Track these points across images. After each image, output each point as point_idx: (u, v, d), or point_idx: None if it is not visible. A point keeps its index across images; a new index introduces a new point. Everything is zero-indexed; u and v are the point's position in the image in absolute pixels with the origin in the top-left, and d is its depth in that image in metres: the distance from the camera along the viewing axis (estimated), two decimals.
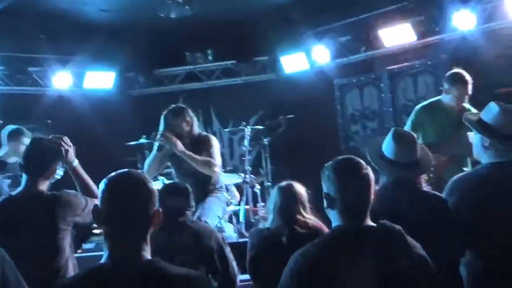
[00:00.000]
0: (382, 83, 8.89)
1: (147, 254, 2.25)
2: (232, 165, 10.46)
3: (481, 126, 3.48)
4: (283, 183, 4.05)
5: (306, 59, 9.84)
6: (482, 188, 3.35)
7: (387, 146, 3.45)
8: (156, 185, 7.48)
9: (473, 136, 3.58)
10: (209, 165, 5.53)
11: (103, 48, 9.76)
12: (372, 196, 2.63)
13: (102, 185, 2.28)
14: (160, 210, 2.30)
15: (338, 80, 9.51)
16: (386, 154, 3.43)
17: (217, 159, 5.62)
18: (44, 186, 3.56)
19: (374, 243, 2.54)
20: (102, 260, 2.24)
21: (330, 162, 2.72)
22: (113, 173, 2.31)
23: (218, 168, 5.62)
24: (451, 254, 3.23)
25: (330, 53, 9.53)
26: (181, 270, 2.26)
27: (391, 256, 2.51)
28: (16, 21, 8.46)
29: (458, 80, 5.59)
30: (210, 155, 5.59)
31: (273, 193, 4.05)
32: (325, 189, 2.69)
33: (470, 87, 5.57)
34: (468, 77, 5.58)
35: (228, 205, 6.96)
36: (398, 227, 2.61)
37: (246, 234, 7.04)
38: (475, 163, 3.71)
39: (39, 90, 9.65)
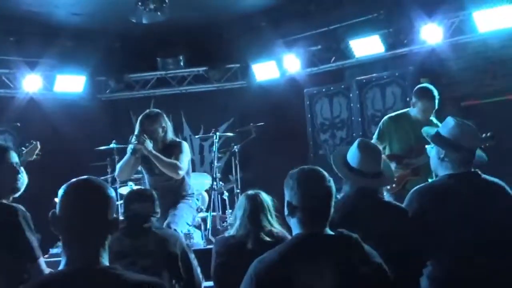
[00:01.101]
0: (351, 93, 8.95)
1: (105, 261, 2.24)
2: (202, 171, 10.43)
3: (437, 138, 3.54)
4: (250, 192, 4.07)
5: (277, 67, 9.88)
6: (438, 199, 3.40)
7: (352, 155, 3.47)
8: (125, 190, 7.46)
9: (430, 150, 3.63)
10: (174, 167, 5.53)
11: (74, 51, 9.71)
12: (332, 208, 2.67)
13: (61, 191, 2.28)
14: (118, 217, 2.30)
15: (308, 89, 9.55)
16: (351, 163, 3.46)
17: (184, 164, 5.62)
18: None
19: (332, 250, 2.58)
20: (60, 267, 2.23)
21: (294, 171, 2.74)
22: (72, 180, 2.31)
23: (183, 172, 5.61)
24: (410, 264, 3.24)
25: (301, 62, 9.59)
26: (140, 277, 2.25)
27: (348, 263, 2.55)
28: None
29: (424, 95, 5.65)
30: (177, 159, 5.60)
31: (240, 201, 4.05)
32: (287, 197, 2.71)
33: (436, 102, 5.63)
34: (435, 92, 5.65)
35: (198, 212, 6.96)
36: (355, 235, 2.64)
37: (213, 241, 7.04)
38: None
39: (8, 93, 9.52)
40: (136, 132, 5.63)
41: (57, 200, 6.46)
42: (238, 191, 8.58)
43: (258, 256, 2.69)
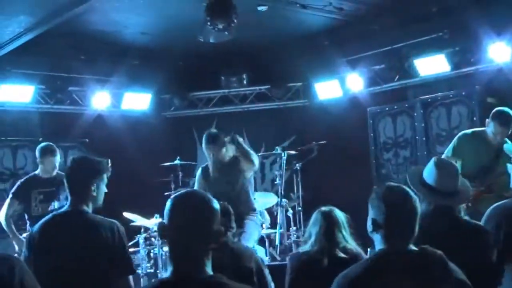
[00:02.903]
0: (415, 112, 8.91)
1: (210, 270, 2.33)
2: (263, 189, 10.51)
3: None
4: (325, 208, 4.11)
5: (339, 86, 9.95)
6: None
7: (429, 173, 3.48)
8: None
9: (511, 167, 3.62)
10: (253, 155, 5.91)
11: (140, 70, 9.99)
12: (417, 226, 2.68)
13: (169, 202, 2.38)
14: (223, 228, 2.39)
15: (371, 108, 9.56)
16: (428, 181, 3.46)
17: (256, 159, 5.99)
18: (87, 205, 3.62)
19: (416, 266, 2.58)
20: (166, 275, 2.33)
21: (379, 188, 2.76)
22: (179, 192, 2.45)
23: (257, 161, 5.96)
24: (489, 282, 3.24)
25: (364, 81, 9.62)
26: (243, 286, 2.35)
27: (432, 279, 2.55)
28: (57, 42, 8.67)
29: (497, 119, 5.65)
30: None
31: (315, 217, 4.09)
32: (372, 214, 2.73)
33: (509, 129, 5.59)
34: (510, 117, 5.60)
35: (262, 228, 7.05)
36: (439, 252, 2.65)
37: (278, 258, 7.11)
38: None
39: (77, 109, 9.81)
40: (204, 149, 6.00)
41: (137, 219, 6.61)
42: (300, 208, 8.63)
43: (332, 273, 2.73)
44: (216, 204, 2.39)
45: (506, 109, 5.73)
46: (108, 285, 3.40)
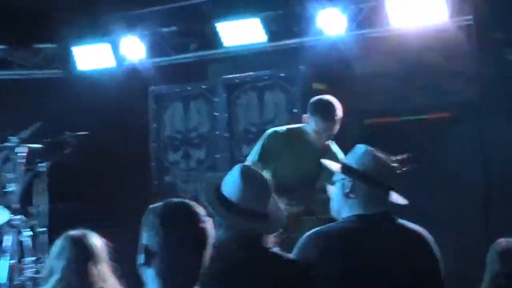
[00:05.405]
0: (216, 97, 9.07)
1: None
2: None
3: (344, 168, 3.72)
4: (74, 232, 4.03)
5: (111, 53, 9.89)
6: (339, 247, 3.55)
7: (232, 187, 3.49)
8: None
9: (332, 188, 3.78)
10: None
11: None
12: (206, 258, 2.71)
13: None
14: None
15: (156, 87, 9.59)
16: (229, 197, 3.47)
17: None
18: None
19: None
20: None
21: (157, 205, 2.74)
22: None
23: None
24: None
25: (146, 48, 9.66)
26: None
27: None
28: None
29: (319, 113, 5.79)
30: None
31: (60, 246, 3.99)
32: (144, 239, 2.70)
33: (336, 123, 5.78)
34: (337, 109, 5.78)
35: None
36: None
37: None
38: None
39: None
40: None
41: None
42: (45, 229, 8.40)
43: None
44: None
45: (328, 97, 5.89)
46: None
